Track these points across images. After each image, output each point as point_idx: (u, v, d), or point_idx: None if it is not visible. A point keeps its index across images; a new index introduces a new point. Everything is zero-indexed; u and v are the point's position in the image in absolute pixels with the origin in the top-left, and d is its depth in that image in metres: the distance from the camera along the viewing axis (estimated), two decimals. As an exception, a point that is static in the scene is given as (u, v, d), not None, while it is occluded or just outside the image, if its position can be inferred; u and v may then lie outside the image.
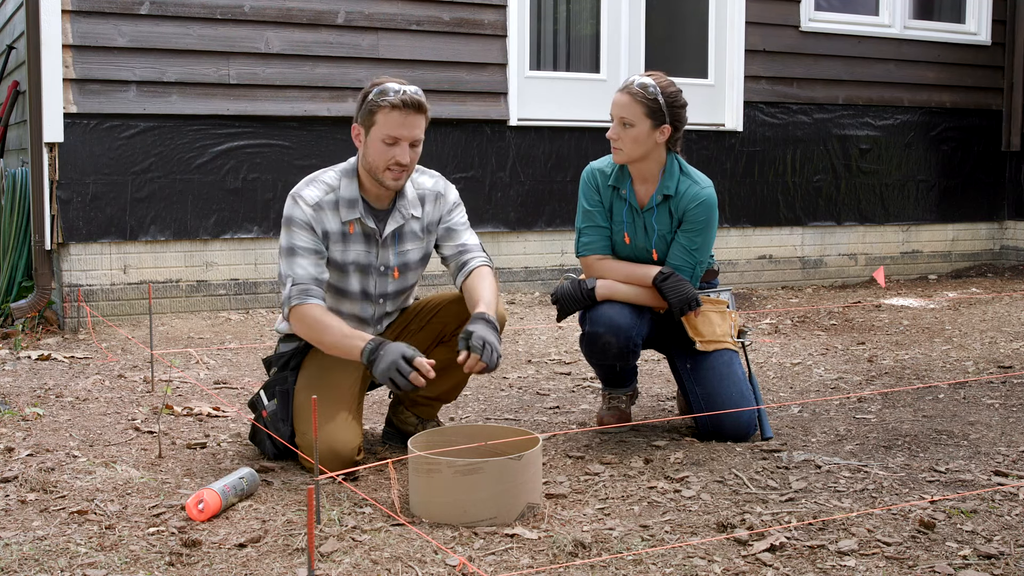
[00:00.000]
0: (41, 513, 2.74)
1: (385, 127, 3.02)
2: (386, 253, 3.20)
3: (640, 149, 3.35)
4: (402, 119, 3.02)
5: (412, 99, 3.02)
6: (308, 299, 3.05)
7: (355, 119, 3.12)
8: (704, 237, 3.41)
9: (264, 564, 2.40)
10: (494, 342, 2.93)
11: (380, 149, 3.04)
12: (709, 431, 3.43)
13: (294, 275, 3.06)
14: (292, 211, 3.11)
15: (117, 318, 5.75)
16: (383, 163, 3.05)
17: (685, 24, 7.42)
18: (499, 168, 6.67)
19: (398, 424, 3.46)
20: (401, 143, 3.03)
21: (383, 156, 3.04)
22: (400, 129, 3.02)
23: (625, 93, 3.35)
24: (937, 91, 8.12)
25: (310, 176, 3.21)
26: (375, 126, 3.04)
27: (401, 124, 3.02)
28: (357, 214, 3.13)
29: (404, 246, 3.22)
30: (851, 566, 2.35)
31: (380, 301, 3.25)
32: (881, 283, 5.32)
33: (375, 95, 3.03)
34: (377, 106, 3.02)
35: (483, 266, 3.22)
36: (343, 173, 3.18)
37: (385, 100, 3.01)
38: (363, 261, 3.17)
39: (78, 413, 3.84)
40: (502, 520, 2.64)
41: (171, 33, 5.81)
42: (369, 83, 3.10)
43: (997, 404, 3.92)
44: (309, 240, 3.09)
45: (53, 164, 5.59)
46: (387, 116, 3.01)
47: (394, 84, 3.04)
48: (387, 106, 3.00)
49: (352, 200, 3.14)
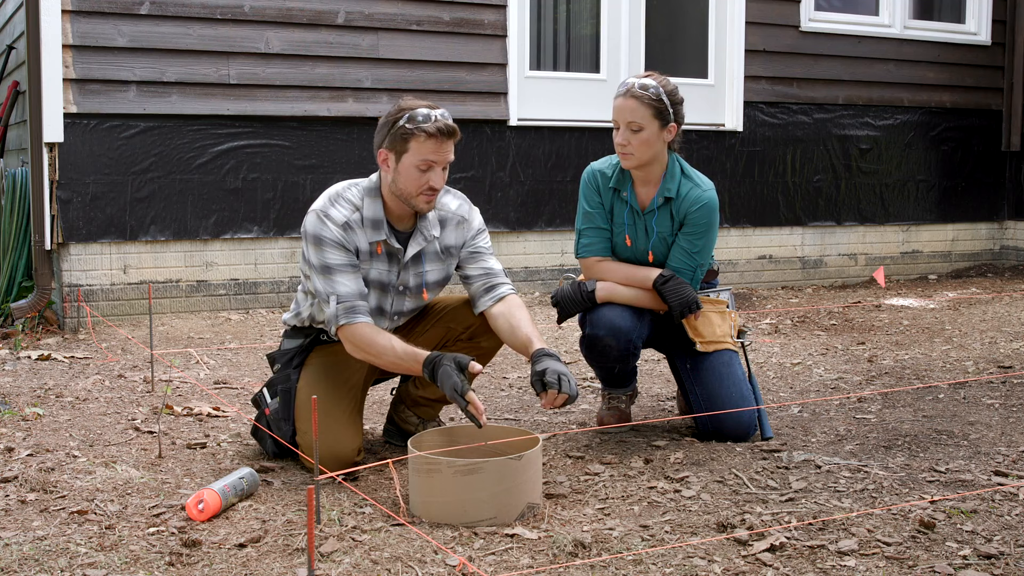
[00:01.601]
0: (41, 513, 2.74)
1: (420, 153, 2.97)
2: (406, 274, 3.17)
3: (651, 152, 3.33)
4: (438, 146, 2.97)
5: (447, 126, 2.98)
6: (356, 317, 3.02)
7: (381, 144, 3.04)
8: (705, 240, 3.40)
9: (264, 564, 2.40)
10: (566, 372, 2.90)
11: (414, 175, 2.99)
12: (709, 431, 3.43)
13: (337, 293, 3.02)
14: (320, 230, 3.04)
15: (117, 318, 5.75)
16: (416, 189, 3.01)
17: (685, 24, 7.42)
18: (499, 168, 6.67)
19: (399, 422, 3.47)
20: (435, 168, 3.00)
21: (417, 182, 3.00)
22: (436, 155, 2.98)
23: (630, 97, 3.30)
24: (937, 91, 8.12)
25: (331, 192, 3.13)
26: (408, 153, 2.98)
27: (436, 151, 2.98)
28: (383, 235, 3.08)
29: (425, 267, 3.19)
30: (851, 566, 2.35)
31: (395, 318, 3.24)
32: (881, 283, 5.31)
33: (407, 121, 2.97)
34: (411, 134, 2.96)
35: (512, 295, 3.20)
36: (366, 192, 3.11)
37: (420, 129, 2.95)
38: (384, 280, 3.14)
39: (78, 413, 3.84)
40: (502, 520, 2.64)
41: (171, 33, 5.81)
42: (395, 107, 3.04)
43: (997, 404, 3.92)
44: (344, 257, 3.04)
45: (53, 164, 5.59)
46: (422, 144, 2.96)
47: (423, 109, 2.98)
48: (422, 135, 2.95)
49: (377, 221, 3.08)
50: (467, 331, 3.27)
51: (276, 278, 6.14)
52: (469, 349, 3.26)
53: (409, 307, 3.24)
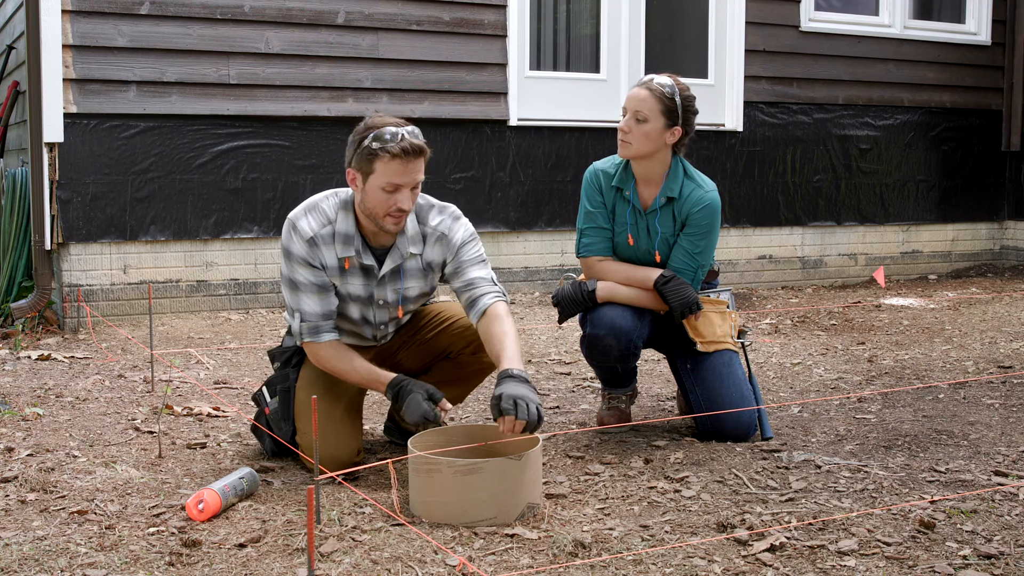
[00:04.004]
0: (41, 513, 2.74)
1: (385, 175, 2.86)
2: (384, 289, 3.10)
3: (649, 146, 3.34)
4: (403, 167, 2.86)
5: (413, 145, 2.86)
6: (320, 337, 3.02)
7: (349, 162, 2.95)
8: (707, 241, 3.41)
9: (264, 564, 2.40)
10: (527, 395, 2.75)
11: (380, 197, 2.89)
12: (709, 431, 3.43)
13: (302, 311, 3.02)
14: (288, 243, 3.00)
15: (117, 318, 5.75)
16: (383, 210, 2.91)
17: (685, 24, 7.42)
18: (499, 168, 6.67)
19: (399, 420, 3.46)
20: (402, 189, 2.89)
21: (383, 204, 2.90)
22: (402, 177, 2.87)
23: (644, 88, 3.34)
24: (937, 91, 8.12)
25: (311, 201, 3.07)
26: (373, 174, 2.88)
27: (402, 172, 2.86)
28: (352, 252, 3.01)
29: (405, 283, 3.11)
30: (851, 566, 2.35)
31: (381, 327, 3.22)
32: (881, 283, 5.31)
33: (371, 141, 2.86)
34: (374, 155, 2.85)
35: (497, 302, 3.03)
36: (341, 205, 3.02)
37: (384, 150, 2.84)
38: (362, 295, 3.10)
39: (78, 413, 3.84)
40: (502, 520, 2.64)
41: (171, 33, 5.81)
42: (362, 124, 2.94)
43: (997, 404, 3.92)
44: (310, 275, 3.00)
45: (53, 164, 5.59)
46: (387, 165, 2.85)
47: (391, 127, 2.87)
48: (387, 156, 2.84)
49: (348, 236, 3.01)
50: (470, 346, 3.25)
51: (276, 278, 6.14)
52: (472, 363, 3.28)
53: (390, 318, 3.20)
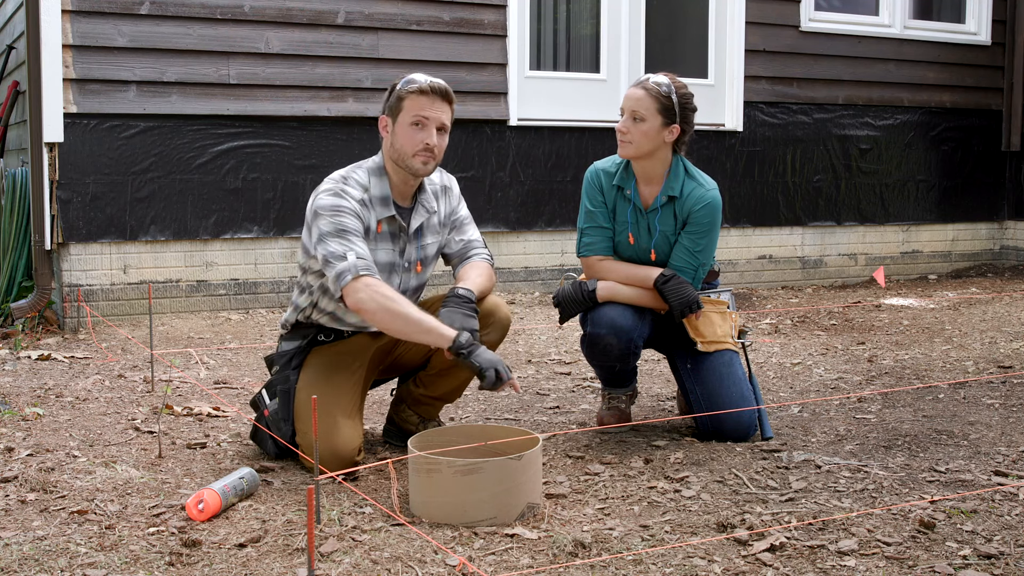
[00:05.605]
0: (41, 513, 2.74)
1: (412, 110, 3.10)
2: (410, 249, 3.24)
3: (648, 145, 3.35)
4: (429, 102, 3.10)
5: (439, 86, 3.12)
6: (375, 273, 3.02)
7: (383, 111, 3.19)
8: (708, 239, 3.41)
9: (264, 564, 2.40)
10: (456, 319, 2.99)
11: (408, 133, 3.09)
12: (709, 431, 3.43)
13: (356, 251, 3.01)
14: (337, 200, 3.06)
15: (117, 318, 5.75)
16: (412, 148, 3.10)
17: (685, 24, 7.42)
18: (499, 168, 6.67)
19: (399, 422, 3.47)
20: (429, 126, 3.10)
21: (411, 140, 3.09)
22: (428, 110, 3.10)
23: (640, 88, 3.37)
24: (937, 91, 8.12)
25: (340, 174, 3.17)
26: (403, 111, 3.11)
27: (429, 106, 3.10)
28: (391, 211, 3.16)
29: (425, 240, 3.27)
30: (851, 566, 2.35)
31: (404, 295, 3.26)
32: (881, 283, 5.31)
33: (403, 84, 3.13)
34: (405, 92, 3.11)
35: (485, 260, 3.32)
36: (370, 172, 3.19)
37: (412, 85, 3.11)
38: (389, 260, 3.19)
39: (78, 413, 3.84)
40: (502, 520, 2.64)
41: (171, 33, 5.81)
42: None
43: (997, 404, 3.92)
44: (360, 225, 3.08)
45: (53, 164, 5.59)
46: (414, 100, 3.10)
47: (421, 75, 3.15)
48: (415, 91, 3.10)
49: (384, 198, 3.16)
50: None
51: (276, 278, 6.14)
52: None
53: (415, 284, 3.29)
